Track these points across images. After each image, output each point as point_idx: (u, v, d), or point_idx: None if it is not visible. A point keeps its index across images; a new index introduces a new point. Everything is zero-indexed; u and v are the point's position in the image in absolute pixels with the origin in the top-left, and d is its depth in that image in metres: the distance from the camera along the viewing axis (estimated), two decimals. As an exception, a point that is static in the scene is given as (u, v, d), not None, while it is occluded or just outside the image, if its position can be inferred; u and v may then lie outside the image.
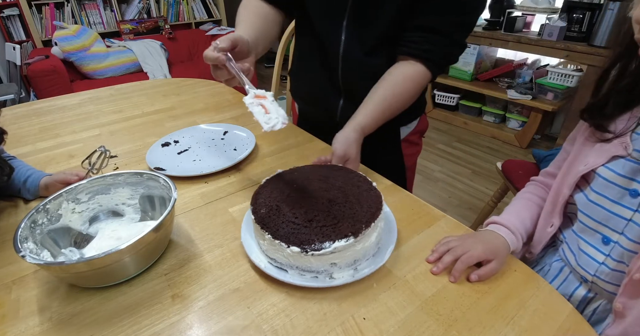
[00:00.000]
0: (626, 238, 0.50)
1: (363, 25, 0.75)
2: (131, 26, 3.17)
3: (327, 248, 0.46)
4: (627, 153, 0.49)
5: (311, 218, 0.50)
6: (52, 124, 1.04)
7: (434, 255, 0.54)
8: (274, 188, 0.57)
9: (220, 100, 1.20)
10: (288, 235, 0.48)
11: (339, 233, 0.47)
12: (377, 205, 0.52)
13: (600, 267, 0.53)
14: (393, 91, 0.72)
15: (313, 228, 0.48)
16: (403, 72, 0.73)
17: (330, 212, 0.51)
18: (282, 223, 0.49)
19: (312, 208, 0.52)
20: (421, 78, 0.73)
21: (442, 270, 0.51)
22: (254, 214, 0.52)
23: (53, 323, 0.45)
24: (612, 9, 1.93)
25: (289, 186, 0.57)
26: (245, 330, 0.44)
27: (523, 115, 2.54)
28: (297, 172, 0.62)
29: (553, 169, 0.66)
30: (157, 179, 0.59)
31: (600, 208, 0.52)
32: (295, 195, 0.55)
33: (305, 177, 0.60)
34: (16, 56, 2.51)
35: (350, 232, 0.47)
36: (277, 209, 0.52)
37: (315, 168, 0.64)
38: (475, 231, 0.60)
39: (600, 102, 0.53)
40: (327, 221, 0.49)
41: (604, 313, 0.55)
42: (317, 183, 0.58)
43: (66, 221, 0.57)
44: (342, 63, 0.80)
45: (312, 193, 0.55)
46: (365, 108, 0.73)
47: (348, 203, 0.52)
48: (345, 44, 0.78)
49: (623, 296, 0.49)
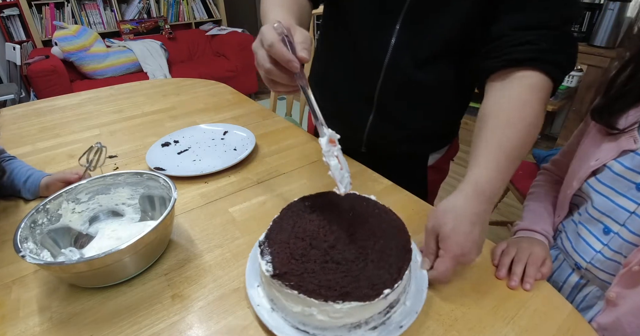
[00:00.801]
0: (627, 229, 0.51)
1: (421, 29, 0.60)
2: (131, 26, 3.18)
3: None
4: (636, 147, 0.50)
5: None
6: (52, 124, 1.04)
7: (503, 270, 0.50)
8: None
9: (220, 100, 1.20)
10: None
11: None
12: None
13: (596, 255, 0.55)
14: (516, 127, 0.50)
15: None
16: (519, 93, 0.51)
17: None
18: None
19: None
20: (546, 93, 0.51)
21: (519, 281, 0.49)
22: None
23: (53, 323, 0.45)
24: (612, 9, 1.93)
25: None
26: (245, 330, 0.44)
27: (523, 115, 2.54)
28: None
29: (561, 158, 0.69)
30: (157, 179, 0.59)
31: (606, 199, 0.53)
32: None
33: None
34: (16, 56, 2.51)
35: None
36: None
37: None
38: (514, 238, 0.60)
39: (610, 101, 0.54)
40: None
41: (593, 299, 0.56)
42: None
43: (66, 221, 0.57)
44: (384, 74, 0.66)
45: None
46: (482, 157, 0.49)
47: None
48: (393, 52, 0.63)
49: (618, 286, 0.51)
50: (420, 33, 0.61)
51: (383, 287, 0.39)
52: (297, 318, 0.41)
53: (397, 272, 0.41)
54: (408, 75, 0.64)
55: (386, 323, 0.42)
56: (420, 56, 0.63)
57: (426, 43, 0.61)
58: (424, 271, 0.48)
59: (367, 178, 0.74)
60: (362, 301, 0.38)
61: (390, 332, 0.41)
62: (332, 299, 0.38)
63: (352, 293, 0.38)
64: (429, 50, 0.62)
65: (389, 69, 0.65)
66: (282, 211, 0.50)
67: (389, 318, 0.42)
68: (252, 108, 1.12)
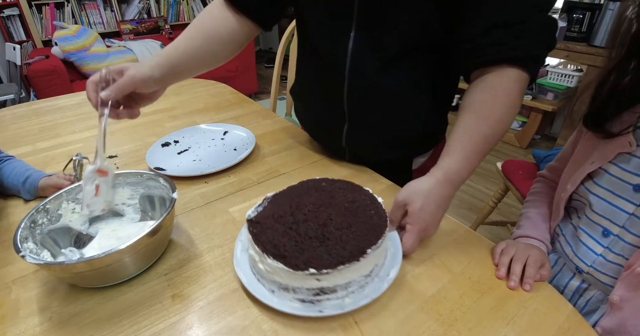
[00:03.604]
0: (627, 231, 0.51)
1: (378, 32, 0.59)
2: (131, 26, 3.18)
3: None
4: (631, 149, 0.50)
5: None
6: (52, 124, 1.04)
7: (502, 270, 0.51)
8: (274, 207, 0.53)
9: (220, 100, 1.20)
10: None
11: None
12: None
13: (597, 258, 0.54)
14: (490, 120, 0.53)
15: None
16: (499, 85, 0.52)
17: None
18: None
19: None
20: (521, 86, 0.53)
21: (519, 281, 0.50)
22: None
23: (53, 323, 0.45)
24: (612, 9, 1.93)
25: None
26: (245, 330, 0.44)
27: (523, 115, 2.54)
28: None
29: (557, 164, 0.68)
30: (157, 179, 0.59)
31: (603, 202, 0.53)
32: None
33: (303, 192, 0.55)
34: (16, 56, 2.51)
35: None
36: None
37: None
38: (511, 240, 0.60)
39: (600, 107, 0.53)
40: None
41: (596, 303, 0.56)
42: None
43: (66, 221, 0.57)
44: (348, 82, 0.65)
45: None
46: (454, 147, 0.54)
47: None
48: (352, 58, 0.62)
49: (621, 289, 0.50)
50: (378, 36, 0.59)
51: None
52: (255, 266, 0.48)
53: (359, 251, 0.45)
54: (372, 80, 0.63)
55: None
56: (382, 59, 0.61)
57: (385, 46, 0.60)
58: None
59: (368, 177, 0.74)
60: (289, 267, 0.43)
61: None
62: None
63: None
64: (390, 53, 0.60)
65: (352, 75, 0.64)
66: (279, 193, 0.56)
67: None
68: (252, 108, 1.13)
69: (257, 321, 0.45)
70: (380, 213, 0.50)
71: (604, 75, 0.52)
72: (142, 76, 0.54)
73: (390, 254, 0.52)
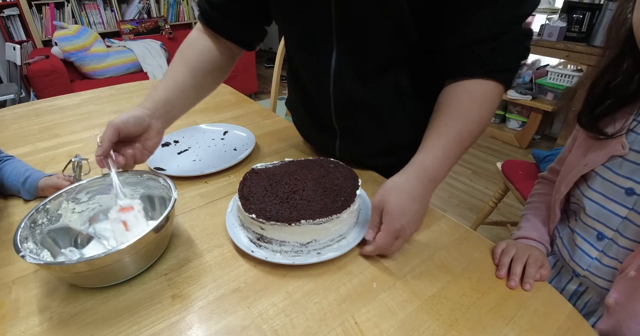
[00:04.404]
0: (620, 235, 0.51)
1: (357, 50, 0.60)
2: (131, 26, 3.18)
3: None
4: (624, 152, 0.50)
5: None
6: (52, 124, 1.04)
7: (503, 270, 0.51)
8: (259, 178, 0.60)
9: (220, 100, 1.20)
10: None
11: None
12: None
13: (592, 262, 0.54)
14: (467, 119, 0.53)
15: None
16: (475, 90, 0.54)
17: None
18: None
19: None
20: (497, 94, 0.54)
21: (519, 281, 0.50)
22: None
23: (53, 323, 0.45)
24: (612, 9, 1.93)
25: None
26: (245, 330, 0.44)
27: (523, 115, 2.54)
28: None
29: (557, 166, 0.68)
30: (157, 179, 0.59)
31: (597, 205, 0.53)
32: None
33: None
34: (16, 56, 2.51)
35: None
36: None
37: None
38: (512, 240, 0.60)
39: (593, 105, 0.53)
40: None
41: (594, 306, 0.56)
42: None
43: (66, 221, 0.57)
44: (334, 99, 0.66)
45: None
46: (430, 143, 0.54)
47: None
48: (335, 76, 0.63)
49: (615, 292, 0.51)
50: (358, 53, 0.60)
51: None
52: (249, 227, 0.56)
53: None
54: (357, 95, 0.64)
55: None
56: (364, 74, 0.62)
57: (366, 61, 0.60)
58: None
59: (368, 177, 0.74)
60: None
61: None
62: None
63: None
64: (371, 67, 0.61)
65: (336, 93, 0.65)
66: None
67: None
68: (252, 108, 1.13)
69: (257, 321, 0.45)
70: (347, 203, 0.53)
71: (597, 74, 0.52)
72: (121, 119, 0.55)
73: (346, 241, 0.55)
